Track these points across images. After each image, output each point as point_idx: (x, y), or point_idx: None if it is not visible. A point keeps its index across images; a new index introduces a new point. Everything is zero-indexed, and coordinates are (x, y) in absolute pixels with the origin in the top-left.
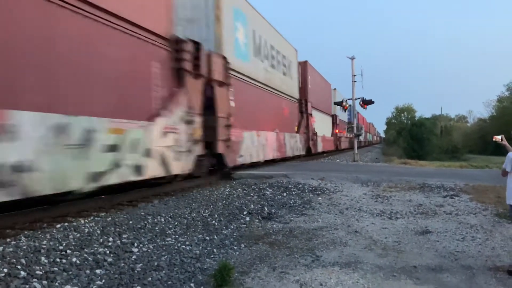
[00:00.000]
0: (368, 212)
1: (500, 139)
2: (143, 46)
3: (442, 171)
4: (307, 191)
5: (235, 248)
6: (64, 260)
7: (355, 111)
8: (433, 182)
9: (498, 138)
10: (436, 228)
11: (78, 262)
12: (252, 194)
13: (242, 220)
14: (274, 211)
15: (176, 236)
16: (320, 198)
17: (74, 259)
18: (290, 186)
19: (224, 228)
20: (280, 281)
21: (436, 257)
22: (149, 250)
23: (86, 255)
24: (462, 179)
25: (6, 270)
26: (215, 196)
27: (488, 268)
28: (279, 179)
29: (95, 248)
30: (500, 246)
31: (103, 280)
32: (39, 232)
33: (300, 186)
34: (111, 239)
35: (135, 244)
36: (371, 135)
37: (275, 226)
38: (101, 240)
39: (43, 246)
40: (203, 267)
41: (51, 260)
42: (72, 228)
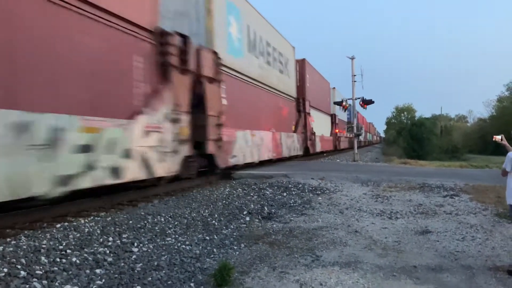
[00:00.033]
0: (368, 212)
1: (500, 139)
2: (123, 38)
3: (442, 171)
4: (307, 191)
5: (235, 248)
6: (64, 260)
7: (355, 111)
8: (433, 182)
9: (498, 138)
10: (436, 228)
11: (78, 261)
12: (252, 194)
13: (242, 220)
14: (274, 211)
15: (176, 236)
16: (320, 198)
17: (74, 259)
18: (290, 186)
19: (224, 228)
20: (280, 280)
21: (436, 257)
22: (149, 250)
23: (86, 255)
24: (462, 179)
25: (6, 270)
26: (215, 196)
27: (488, 268)
28: (279, 179)
29: (95, 248)
30: (500, 246)
31: (103, 280)
32: (39, 232)
33: (300, 186)
34: (111, 238)
35: (135, 244)
36: (371, 135)
37: (275, 226)
38: (101, 240)
39: (43, 246)
40: (203, 266)
41: (51, 259)
42: (72, 228)
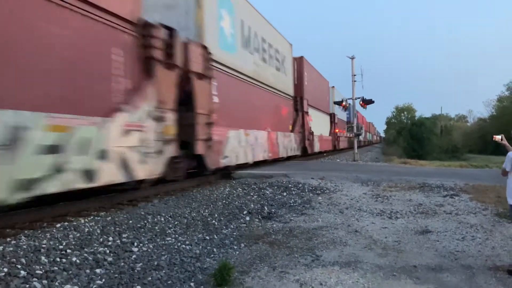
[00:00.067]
0: (368, 211)
1: (500, 139)
2: (99, 28)
3: (442, 170)
4: (307, 191)
5: (235, 247)
6: (64, 260)
7: (355, 110)
8: (433, 182)
9: (498, 138)
10: (436, 227)
11: (78, 261)
12: (252, 194)
13: (242, 220)
14: (274, 210)
15: (176, 235)
16: (320, 198)
17: (74, 259)
18: (290, 186)
19: (224, 227)
20: (280, 280)
21: (436, 256)
22: (149, 250)
23: (86, 255)
24: (462, 178)
25: (6, 270)
26: (215, 195)
27: (488, 267)
28: (279, 178)
29: (95, 248)
30: (500, 245)
31: (103, 280)
32: (39, 231)
33: (300, 185)
34: (111, 238)
35: (135, 244)
36: (371, 134)
37: (275, 225)
38: (101, 239)
39: (43, 246)
40: (203, 266)
41: (51, 259)
42: (72, 228)
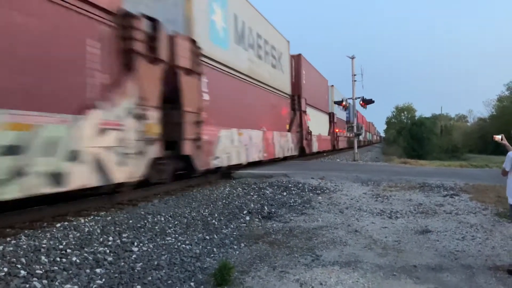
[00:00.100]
0: (368, 211)
1: (500, 139)
2: (72, 17)
3: (442, 170)
4: (307, 191)
5: (235, 247)
6: (64, 259)
7: (355, 110)
8: (433, 182)
9: (498, 138)
10: (436, 227)
11: (78, 261)
12: (252, 193)
13: (242, 220)
14: (274, 210)
15: (176, 235)
16: (320, 198)
17: (74, 258)
18: (290, 186)
19: (224, 227)
20: (280, 280)
21: (436, 256)
22: (149, 249)
23: (86, 254)
24: (462, 178)
25: (6, 269)
26: (215, 195)
27: (488, 267)
28: (279, 178)
29: (95, 247)
30: (500, 245)
31: (103, 279)
32: (39, 231)
33: (300, 185)
34: (111, 238)
35: (135, 243)
36: (371, 134)
37: (275, 225)
38: (101, 239)
39: (43, 245)
40: (203, 266)
41: (51, 259)
42: (72, 227)
